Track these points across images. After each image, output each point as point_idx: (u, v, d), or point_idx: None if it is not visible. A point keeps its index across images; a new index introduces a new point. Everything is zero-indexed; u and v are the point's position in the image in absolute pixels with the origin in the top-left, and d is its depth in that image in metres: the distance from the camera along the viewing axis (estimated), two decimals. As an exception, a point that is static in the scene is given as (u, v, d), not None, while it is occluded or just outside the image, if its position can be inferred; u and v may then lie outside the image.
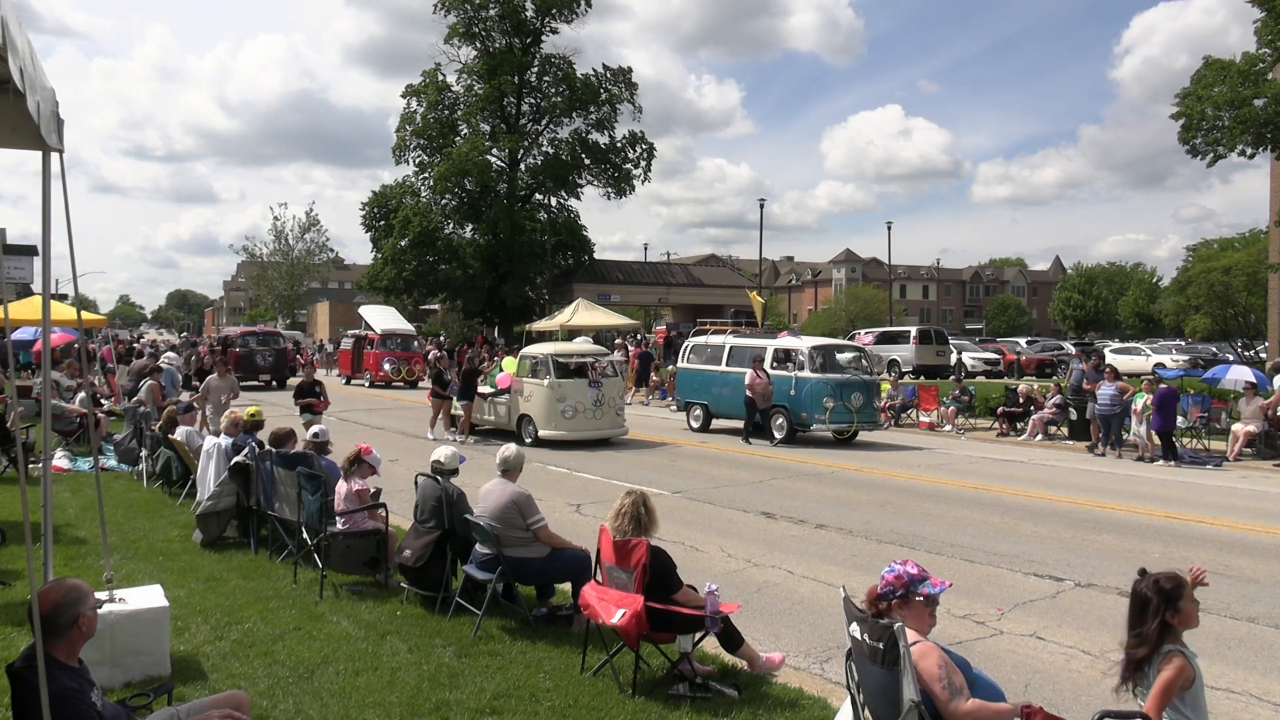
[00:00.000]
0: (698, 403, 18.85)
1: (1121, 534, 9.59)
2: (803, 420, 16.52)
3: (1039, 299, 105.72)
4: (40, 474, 6.00)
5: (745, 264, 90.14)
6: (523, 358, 16.79)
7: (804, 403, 16.40)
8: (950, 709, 3.45)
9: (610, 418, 16.21)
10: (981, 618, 6.75)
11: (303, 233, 65.74)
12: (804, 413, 16.41)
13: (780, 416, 16.74)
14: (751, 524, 10.01)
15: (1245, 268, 33.80)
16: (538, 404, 15.92)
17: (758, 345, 18.26)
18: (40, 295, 12.88)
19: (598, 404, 15.94)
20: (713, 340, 19.42)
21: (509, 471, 6.58)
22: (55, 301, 17.38)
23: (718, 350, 18.59)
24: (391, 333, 32.49)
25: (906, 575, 3.72)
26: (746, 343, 18.72)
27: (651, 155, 50.13)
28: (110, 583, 5.45)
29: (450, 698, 4.95)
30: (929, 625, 3.74)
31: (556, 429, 15.68)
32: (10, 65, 3.15)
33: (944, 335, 35.92)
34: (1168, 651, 3.48)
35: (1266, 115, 21.04)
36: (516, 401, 16.49)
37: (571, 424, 15.70)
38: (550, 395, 15.70)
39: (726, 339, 19.11)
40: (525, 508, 6.31)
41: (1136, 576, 3.68)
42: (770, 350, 17.47)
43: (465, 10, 46.85)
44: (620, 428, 16.51)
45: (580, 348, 18.76)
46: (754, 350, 17.85)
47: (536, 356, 16.38)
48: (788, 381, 16.62)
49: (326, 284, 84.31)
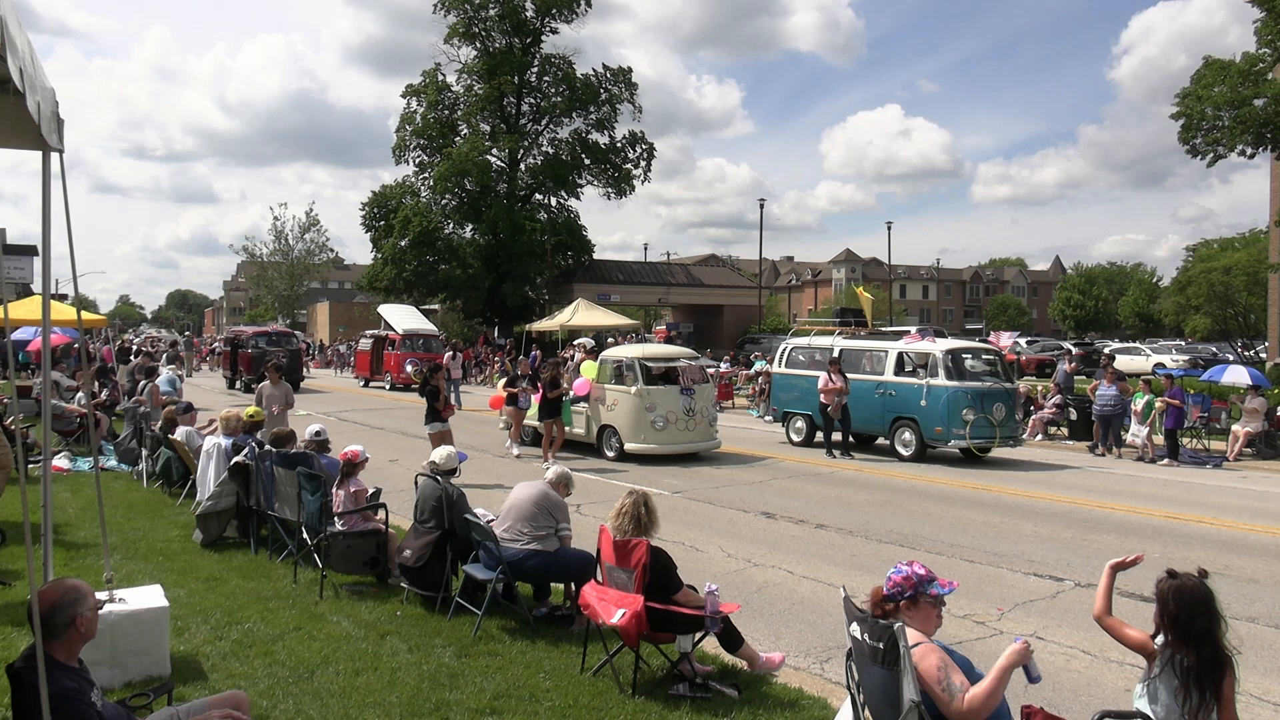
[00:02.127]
0: (799, 413, 16.72)
1: (1121, 534, 9.59)
2: (937, 435, 14.45)
3: (1039, 299, 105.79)
4: (40, 474, 6.00)
5: (745, 264, 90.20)
6: (604, 362, 15.21)
7: (938, 415, 14.33)
8: (951, 710, 3.45)
9: (703, 429, 14.65)
10: (981, 618, 6.75)
11: (303, 233, 65.76)
12: (938, 426, 14.34)
13: (908, 430, 14.83)
14: (751, 524, 10.01)
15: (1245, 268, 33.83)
16: (623, 414, 14.36)
17: (876, 348, 16.03)
18: (40, 295, 12.87)
19: (690, 413, 14.33)
20: (818, 342, 17.14)
21: (558, 486, 6.70)
22: (55, 301, 17.38)
23: (824, 354, 16.27)
24: (414, 333, 31.27)
25: (915, 576, 3.70)
26: (862, 345, 16.45)
27: (651, 155, 50.15)
28: (110, 583, 5.45)
29: (450, 698, 4.95)
30: (935, 626, 3.72)
31: (645, 442, 14.10)
32: (10, 65, 3.15)
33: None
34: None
35: (1266, 115, 21.04)
36: (597, 411, 14.88)
37: (661, 436, 14.12)
38: (638, 404, 14.16)
39: (836, 341, 16.73)
40: (561, 515, 6.50)
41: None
42: (892, 354, 15.36)
43: (465, 10, 46.84)
44: (713, 439, 14.94)
45: (670, 350, 16.88)
46: (873, 353, 15.90)
47: (622, 360, 14.76)
48: (916, 391, 14.61)
49: (326, 284, 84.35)
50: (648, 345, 18.76)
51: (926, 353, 14.90)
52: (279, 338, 30.94)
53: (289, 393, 13.15)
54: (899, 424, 15.02)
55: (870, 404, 15.37)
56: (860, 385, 15.37)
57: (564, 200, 50.15)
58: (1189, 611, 3.43)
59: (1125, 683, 5.56)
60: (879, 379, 15.39)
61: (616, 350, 15.95)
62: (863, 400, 15.34)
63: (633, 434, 14.22)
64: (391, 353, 30.72)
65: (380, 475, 11.18)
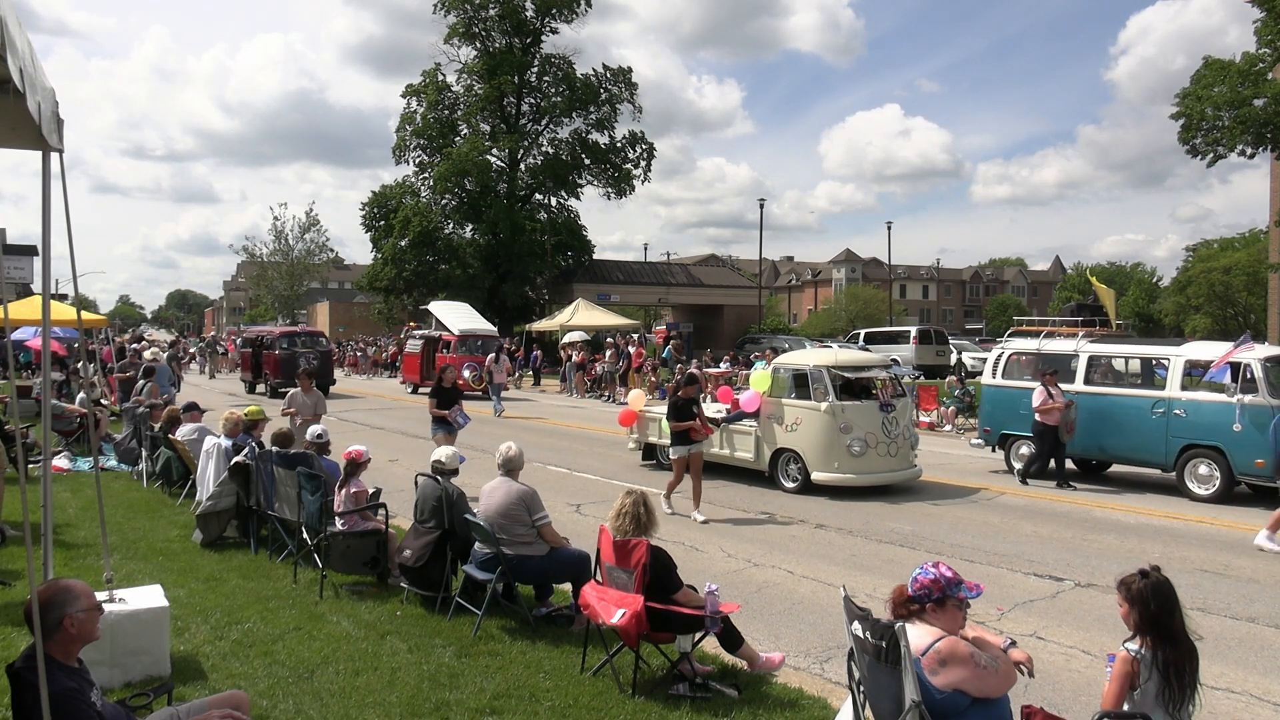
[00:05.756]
0: (1026, 436, 13.03)
1: (1121, 534, 9.59)
2: (1257, 469, 10.97)
3: (1039, 299, 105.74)
4: (40, 474, 6.00)
5: (745, 264, 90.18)
6: (779, 370, 12.29)
7: (1259, 444, 10.85)
8: (998, 680, 3.54)
9: (904, 454, 11.84)
10: (981, 618, 6.75)
11: (303, 233, 65.74)
12: (1259, 458, 10.84)
13: (1207, 462, 11.57)
14: (751, 524, 10.00)
15: (1245, 268, 33.91)
16: (809, 436, 11.54)
17: (1148, 355, 13.00)
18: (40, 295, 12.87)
19: (890, 435, 11.62)
20: (1051, 347, 13.55)
21: (512, 470, 6.62)
22: (55, 301, 17.39)
23: (1059, 362, 13.04)
24: (470, 333, 27.98)
25: (943, 579, 3.68)
26: (1121, 351, 13.45)
27: (651, 155, 50.10)
28: (110, 583, 5.45)
29: (450, 698, 4.95)
30: (958, 629, 3.71)
31: (839, 471, 11.34)
32: (10, 65, 3.15)
33: (944, 335, 35.95)
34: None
35: (1266, 115, 21.08)
36: (771, 431, 12.00)
37: (859, 464, 11.33)
38: (830, 424, 11.37)
39: (1079, 346, 13.10)
40: (532, 504, 6.38)
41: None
42: (1178, 363, 11.93)
43: (465, 10, 46.82)
44: (915, 467, 12.08)
45: (864, 357, 14.26)
46: (1141, 361, 13.08)
47: (805, 368, 11.81)
48: (1224, 411, 11.33)
49: (326, 284, 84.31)
50: (836, 350, 15.45)
51: (1237, 363, 11.51)
52: (308, 338, 28.47)
53: (320, 401, 12.09)
54: (1192, 454, 11.73)
55: (1142, 427, 12.04)
56: (1124, 403, 12.21)
57: (564, 200, 50.14)
58: (1168, 607, 3.53)
59: (1125, 683, 5.56)
60: (1157, 394, 12.11)
61: (796, 356, 13.00)
62: (1129, 422, 12.13)
63: (822, 461, 11.45)
64: (446, 355, 27.29)
65: (380, 475, 11.17)
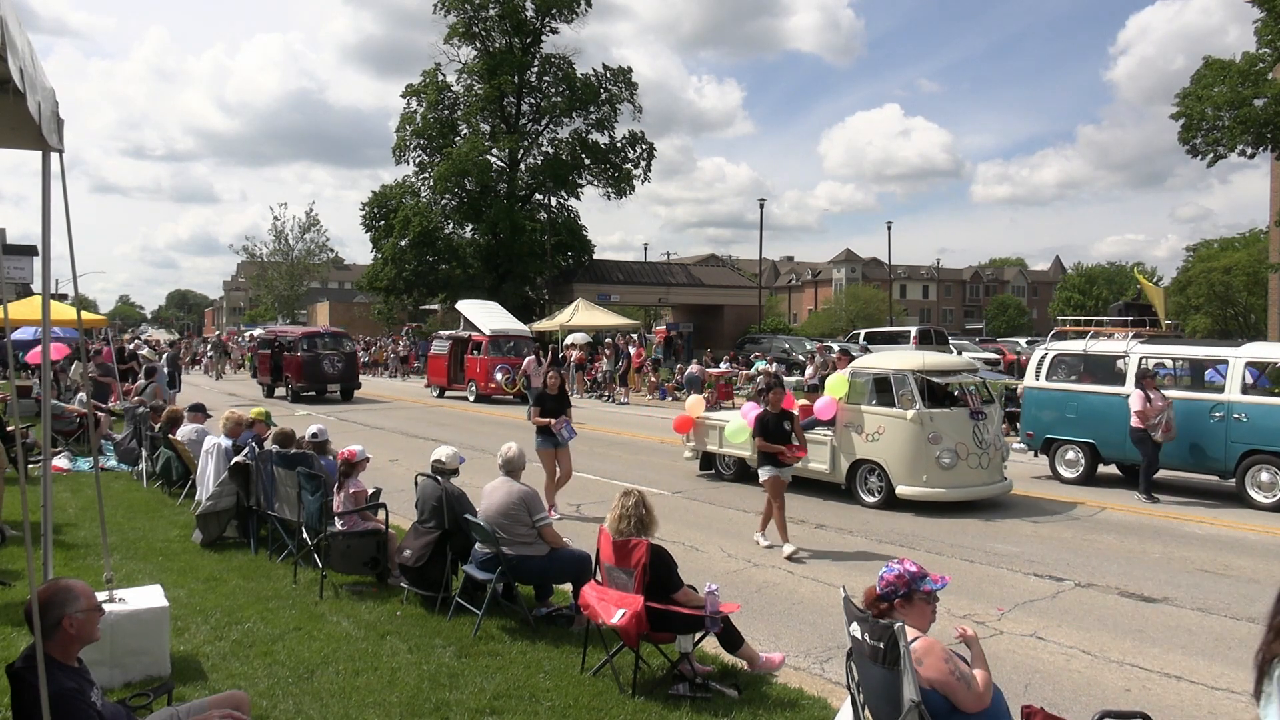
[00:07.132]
0: (1072, 440, 12.78)
1: (1121, 534, 9.59)
2: None
3: (1039, 299, 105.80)
4: (40, 474, 6.00)
5: (745, 264, 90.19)
6: (857, 374, 11.34)
7: None
8: (970, 695, 3.50)
9: (996, 466, 10.98)
10: (981, 618, 6.76)
11: (303, 233, 65.70)
12: None
13: (1270, 469, 10.91)
14: (751, 524, 10.00)
15: (1245, 268, 33.92)
16: (894, 446, 10.66)
17: (1206, 357, 12.44)
18: (40, 295, 12.88)
19: (982, 446, 10.75)
20: (1098, 348, 12.91)
21: (513, 471, 6.64)
22: (55, 301, 17.39)
23: (1107, 363, 12.60)
24: (503, 334, 26.44)
25: (907, 574, 3.73)
26: (1174, 352, 12.88)
27: (651, 155, 50.12)
28: (110, 583, 5.46)
29: (450, 698, 4.95)
30: (930, 622, 3.75)
31: (928, 485, 10.44)
32: (10, 65, 3.15)
33: (944, 335, 35.90)
34: None
35: (1266, 115, 21.09)
36: (849, 441, 11.07)
37: (949, 477, 10.45)
38: (917, 433, 10.46)
39: (1130, 346, 12.45)
40: (533, 504, 6.39)
41: None
42: (1238, 365, 11.32)
43: (465, 10, 46.84)
44: (1005, 480, 11.18)
45: (953, 360, 13.36)
46: (1198, 364, 12.59)
47: (888, 372, 10.89)
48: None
49: (326, 284, 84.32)
50: (922, 353, 14.41)
51: None
52: (331, 339, 26.51)
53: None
54: (1255, 460, 11.11)
55: (1200, 431, 11.58)
56: (1179, 406, 11.60)
57: (564, 200, 50.15)
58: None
59: (1125, 682, 5.57)
60: (1216, 398, 11.61)
61: (877, 359, 12.04)
62: (1184, 427, 11.57)
63: (909, 473, 10.57)
64: (476, 358, 25.85)
65: (380, 475, 11.17)
